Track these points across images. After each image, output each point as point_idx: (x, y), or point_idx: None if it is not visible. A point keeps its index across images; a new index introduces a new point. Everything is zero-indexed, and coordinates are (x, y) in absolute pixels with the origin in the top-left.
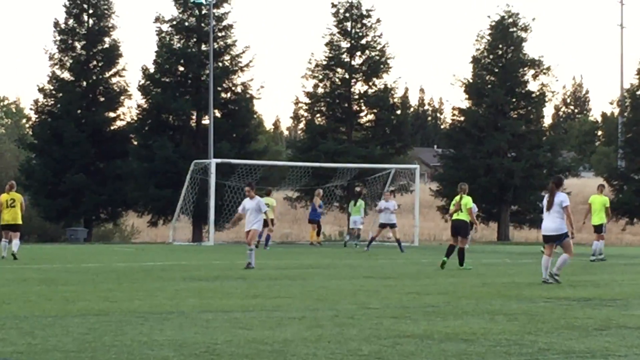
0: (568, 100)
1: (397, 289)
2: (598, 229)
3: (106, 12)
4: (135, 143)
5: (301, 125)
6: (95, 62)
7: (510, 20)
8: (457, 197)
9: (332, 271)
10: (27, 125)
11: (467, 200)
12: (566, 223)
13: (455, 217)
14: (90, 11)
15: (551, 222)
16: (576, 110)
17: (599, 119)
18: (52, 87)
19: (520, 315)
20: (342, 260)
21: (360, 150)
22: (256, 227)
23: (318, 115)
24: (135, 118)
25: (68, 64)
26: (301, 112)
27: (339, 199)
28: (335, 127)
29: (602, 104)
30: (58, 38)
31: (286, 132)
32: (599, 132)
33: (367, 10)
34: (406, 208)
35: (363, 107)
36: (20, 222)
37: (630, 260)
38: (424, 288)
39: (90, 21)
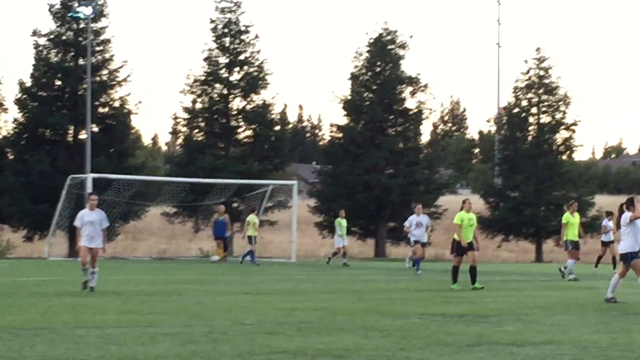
0: (445, 118)
1: (273, 305)
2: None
3: None
4: (11, 157)
5: (179, 140)
6: None
7: (389, 37)
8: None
9: (208, 287)
10: None
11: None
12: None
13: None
14: None
15: (621, 241)
16: (453, 128)
17: (476, 137)
18: None
19: (394, 331)
20: (218, 277)
21: (238, 166)
22: (101, 245)
23: (196, 130)
24: (12, 132)
25: None
26: (179, 127)
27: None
28: (213, 142)
29: (479, 121)
30: None
31: (165, 148)
32: (476, 150)
33: (246, 26)
34: (284, 224)
35: (241, 123)
36: None
37: (505, 277)
38: (299, 304)
39: None
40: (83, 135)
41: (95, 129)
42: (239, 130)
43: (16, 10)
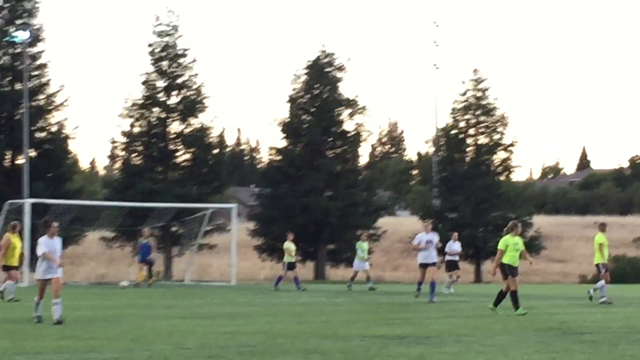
0: (384, 140)
1: (213, 329)
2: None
3: None
4: None
5: (118, 164)
6: None
7: (326, 60)
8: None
9: (149, 311)
10: None
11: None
12: None
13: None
14: None
15: None
16: (392, 150)
17: (415, 158)
18: None
19: (336, 353)
20: (158, 301)
21: (176, 190)
22: (60, 274)
23: (134, 154)
24: None
25: None
26: (118, 151)
27: (156, 239)
28: (151, 166)
29: (418, 143)
30: None
31: (103, 172)
32: (415, 171)
33: (183, 50)
34: (223, 247)
35: (180, 147)
36: None
37: (445, 298)
38: (240, 328)
39: None
40: (20, 160)
41: (33, 153)
42: (178, 154)
43: None
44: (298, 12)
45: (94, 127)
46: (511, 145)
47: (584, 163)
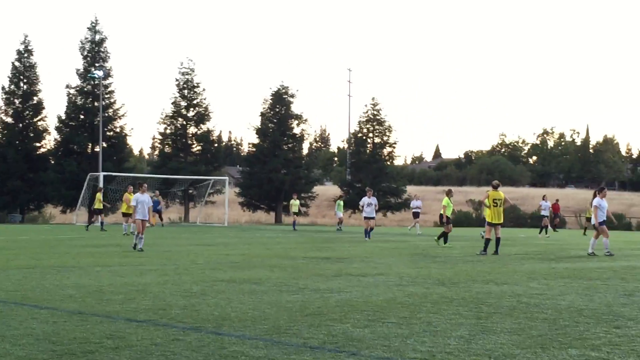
0: (317, 139)
1: (214, 252)
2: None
3: (34, 80)
4: (53, 162)
5: (156, 152)
6: (27, 112)
7: (284, 90)
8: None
9: (175, 241)
10: None
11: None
12: None
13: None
14: (25, 80)
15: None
16: (322, 145)
17: (336, 151)
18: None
19: (288, 267)
20: (180, 235)
21: (192, 168)
22: (148, 217)
23: (167, 146)
24: (53, 147)
25: (10, 112)
26: (156, 144)
27: (179, 198)
28: (177, 153)
29: (338, 141)
30: (3, 97)
31: (147, 156)
32: (336, 159)
33: (197, 83)
34: (220, 203)
35: (194, 142)
36: None
37: (354, 236)
38: (230, 251)
39: (24, 86)
40: (97, 149)
41: (105, 145)
42: (193, 146)
43: (55, 73)
44: (267, 61)
45: (142, 129)
46: (394, 143)
47: (437, 154)
